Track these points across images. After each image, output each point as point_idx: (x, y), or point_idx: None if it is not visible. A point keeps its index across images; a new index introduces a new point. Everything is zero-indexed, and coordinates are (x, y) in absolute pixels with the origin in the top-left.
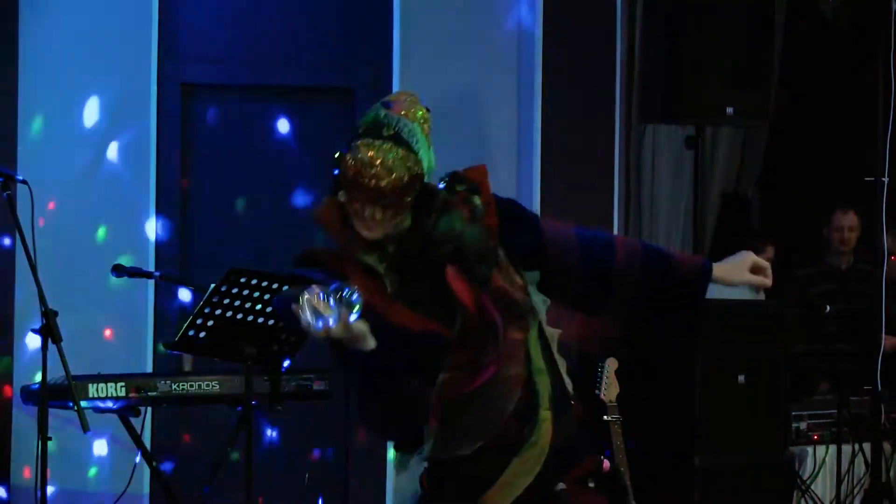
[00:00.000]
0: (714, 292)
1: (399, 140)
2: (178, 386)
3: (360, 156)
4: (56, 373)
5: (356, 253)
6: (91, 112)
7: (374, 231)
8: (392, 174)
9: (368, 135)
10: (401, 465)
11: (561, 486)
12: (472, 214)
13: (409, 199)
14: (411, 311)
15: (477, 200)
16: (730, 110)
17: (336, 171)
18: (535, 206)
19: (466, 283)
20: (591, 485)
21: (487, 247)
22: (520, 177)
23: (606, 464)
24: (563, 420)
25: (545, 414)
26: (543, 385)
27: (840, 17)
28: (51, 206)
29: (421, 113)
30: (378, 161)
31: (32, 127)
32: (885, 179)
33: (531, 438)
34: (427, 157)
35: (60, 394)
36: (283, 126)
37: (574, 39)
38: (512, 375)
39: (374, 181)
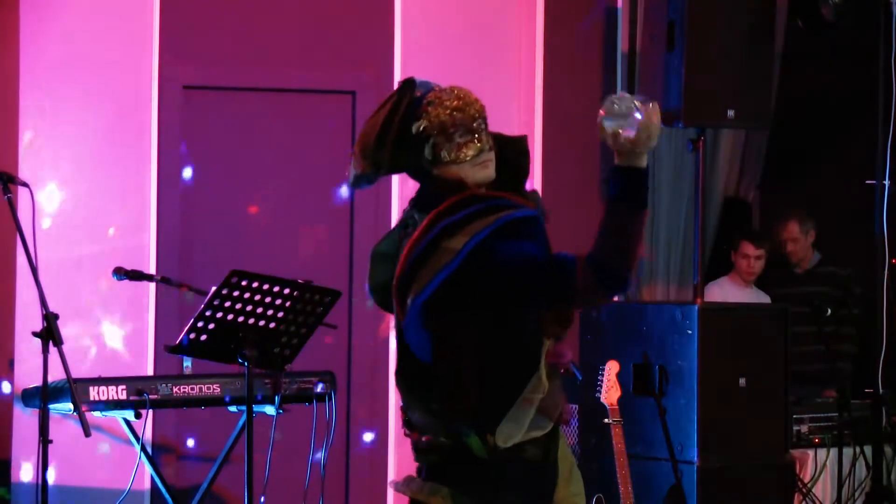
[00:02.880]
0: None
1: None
2: (179, 388)
3: (455, 92)
4: (57, 375)
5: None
6: (92, 115)
7: (489, 168)
8: (478, 99)
9: (430, 90)
10: (481, 449)
11: None
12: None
13: None
14: None
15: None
16: (731, 113)
17: (424, 135)
18: None
19: None
20: None
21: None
22: None
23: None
24: None
25: None
26: None
27: (841, 19)
28: (52, 208)
29: None
30: (467, 94)
31: (34, 130)
32: (887, 183)
33: (559, 430)
34: None
35: (62, 397)
36: (284, 128)
37: (575, 42)
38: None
39: (476, 107)
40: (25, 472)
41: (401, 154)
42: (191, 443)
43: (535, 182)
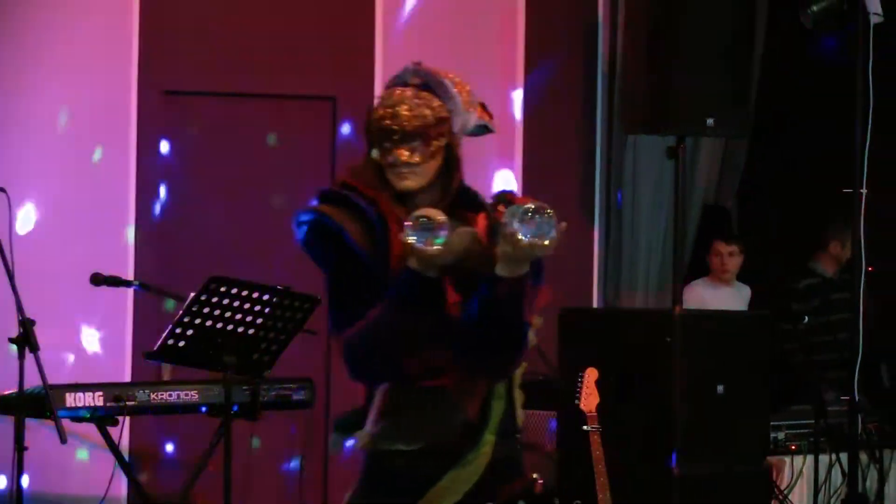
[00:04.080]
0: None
1: (426, 87)
2: (156, 395)
3: (385, 101)
4: (33, 382)
5: (394, 205)
6: (71, 119)
7: (407, 180)
8: (414, 113)
9: (396, 85)
10: (336, 447)
11: None
12: (489, 237)
13: (437, 144)
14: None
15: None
16: (710, 121)
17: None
18: None
19: (456, 295)
20: None
21: (482, 271)
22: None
23: (539, 485)
24: (505, 449)
25: (489, 438)
26: (497, 410)
27: (820, 28)
28: (30, 213)
29: (459, 79)
30: (403, 104)
31: (12, 134)
32: (864, 191)
33: (468, 456)
34: (461, 115)
35: (38, 403)
36: (264, 134)
37: (556, 50)
38: (473, 389)
39: (398, 121)
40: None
41: None
42: (168, 449)
43: (515, 191)
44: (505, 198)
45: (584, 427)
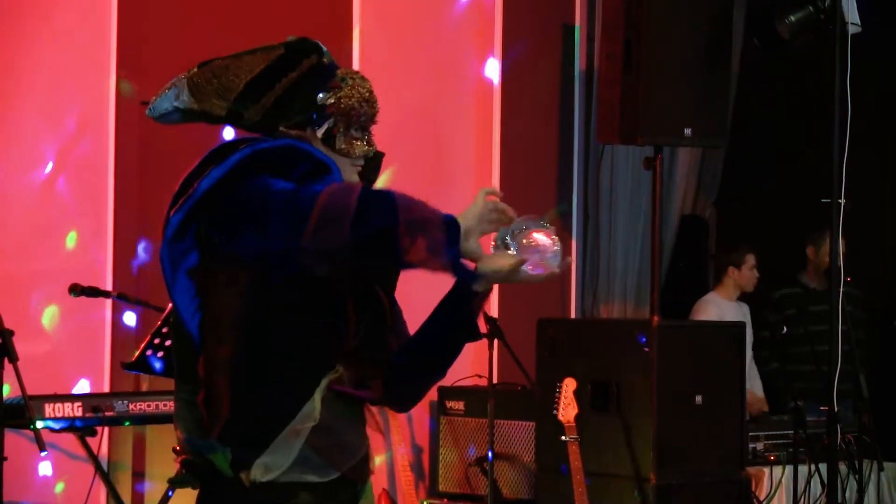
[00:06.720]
0: None
1: None
2: (135, 405)
3: (367, 84)
4: (13, 392)
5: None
6: (48, 130)
7: (356, 175)
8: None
9: (337, 68)
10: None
11: None
12: None
13: None
14: None
15: None
16: (688, 131)
17: (324, 112)
18: None
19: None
20: None
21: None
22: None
23: None
24: None
25: (370, 468)
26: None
27: (797, 37)
28: (8, 224)
29: None
30: (372, 91)
31: None
32: (842, 201)
33: (365, 490)
34: None
35: (17, 414)
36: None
37: (533, 60)
38: (377, 420)
39: (375, 108)
40: None
41: (278, 115)
42: (147, 460)
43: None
44: None
45: (563, 437)
